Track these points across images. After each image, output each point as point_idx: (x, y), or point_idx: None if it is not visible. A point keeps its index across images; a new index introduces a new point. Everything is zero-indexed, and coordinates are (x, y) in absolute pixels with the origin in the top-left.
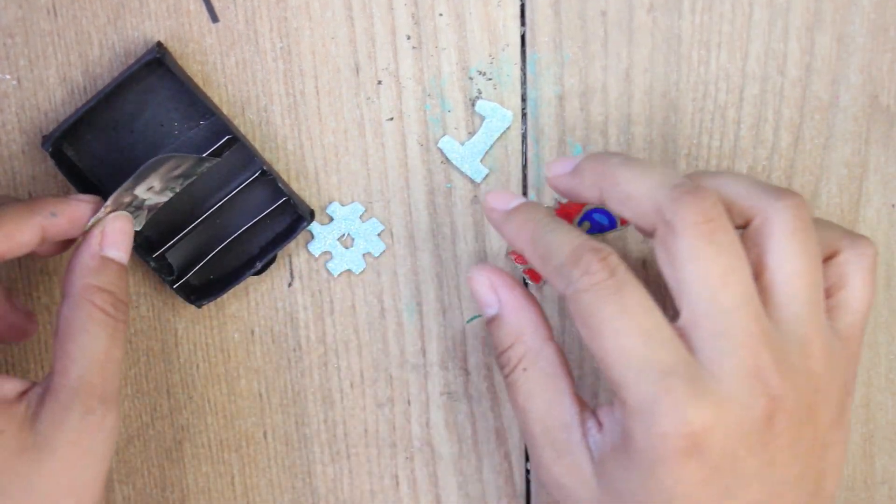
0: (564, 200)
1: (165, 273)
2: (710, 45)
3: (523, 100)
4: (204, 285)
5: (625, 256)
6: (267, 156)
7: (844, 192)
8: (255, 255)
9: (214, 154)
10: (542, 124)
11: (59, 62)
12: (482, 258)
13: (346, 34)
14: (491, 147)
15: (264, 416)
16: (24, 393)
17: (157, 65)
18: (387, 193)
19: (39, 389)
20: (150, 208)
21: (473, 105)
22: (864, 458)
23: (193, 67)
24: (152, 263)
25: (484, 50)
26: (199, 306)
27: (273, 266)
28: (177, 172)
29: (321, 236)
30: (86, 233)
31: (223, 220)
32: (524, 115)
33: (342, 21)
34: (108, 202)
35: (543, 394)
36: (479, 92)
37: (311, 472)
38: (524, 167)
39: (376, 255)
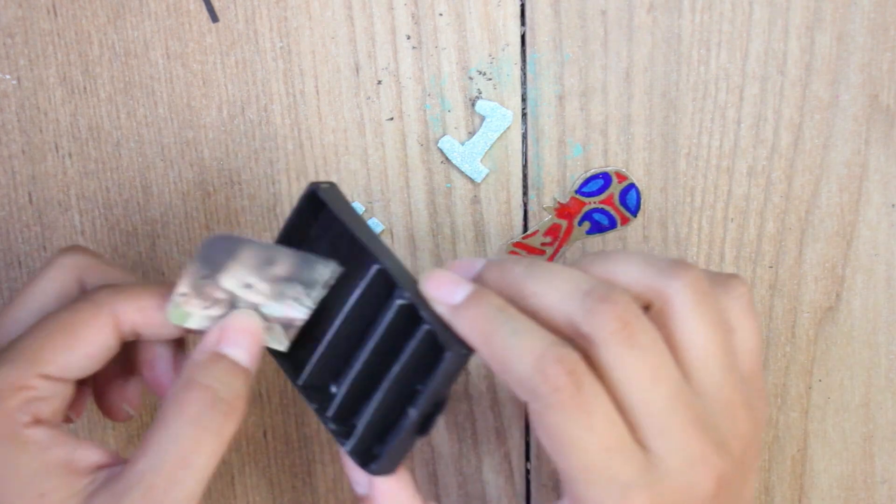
0: (565, 200)
1: (342, 436)
2: (710, 44)
3: (523, 100)
4: (372, 438)
5: None
6: (267, 155)
7: (844, 192)
8: (410, 397)
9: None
10: (542, 124)
11: (58, 62)
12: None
13: (345, 34)
14: (491, 147)
15: (264, 415)
16: (100, 466)
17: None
18: (387, 193)
19: (117, 470)
20: (287, 324)
21: (473, 105)
22: (864, 458)
23: (194, 67)
24: (332, 426)
25: (484, 50)
26: (371, 472)
27: None
28: (279, 272)
29: None
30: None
31: (377, 361)
32: (524, 114)
33: (342, 21)
34: (182, 288)
35: None
36: (479, 92)
37: (311, 472)
38: (524, 167)
39: None
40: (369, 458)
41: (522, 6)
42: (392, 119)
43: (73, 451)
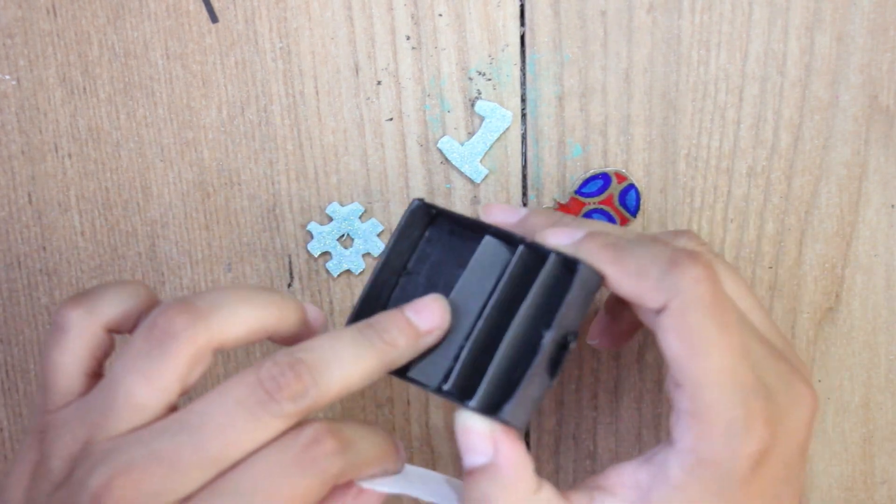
0: (564, 201)
1: (459, 397)
2: (710, 44)
3: (523, 100)
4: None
5: None
6: (267, 156)
7: (844, 192)
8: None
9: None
10: (541, 124)
11: (58, 62)
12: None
13: (345, 34)
14: (490, 147)
15: None
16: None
17: (428, 217)
18: (386, 194)
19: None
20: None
21: (473, 105)
22: (864, 458)
23: (193, 67)
24: (451, 390)
25: (483, 50)
26: (500, 419)
27: (272, 264)
28: None
29: (321, 236)
30: None
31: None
32: (524, 115)
33: (342, 21)
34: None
35: None
36: (479, 92)
37: None
38: (524, 167)
39: (376, 255)
40: (498, 411)
41: (522, 7)
42: (392, 119)
43: None
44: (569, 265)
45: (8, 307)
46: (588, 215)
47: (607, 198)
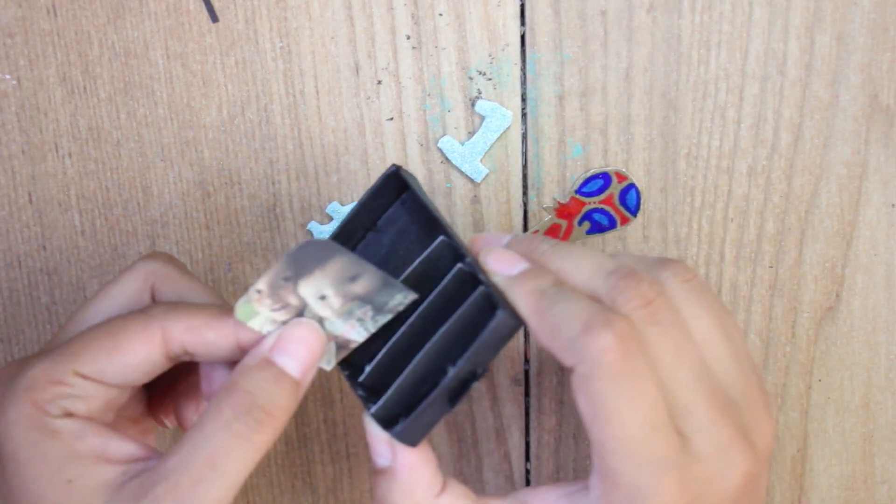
0: (565, 200)
1: (369, 400)
2: (710, 44)
3: (523, 100)
4: (397, 402)
5: None
6: (267, 155)
7: (844, 192)
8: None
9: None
10: (541, 124)
11: (58, 62)
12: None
13: (345, 34)
14: (491, 147)
15: None
16: (135, 459)
17: (397, 186)
18: None
19: (152, 464)
20: (342, 345)
21: (473, 105)
22: (864, 458)
23: (194, 67)
24: (360, 392)
25: (484, 50)
26: (395, 435)
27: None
28: (357, 290)
29: (321, 236)
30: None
31: (422, 325)
32: (524, 114)
33: (342, 21)
34: (261, 285)
35: None
36: (479, 92)
37: (311, 472)
38: (524, 167)
39: None
40: (395, 425)
41: (522, 6)
42: (392, 119)
43: (106, 442)
44: (491, 305)
45: (8, 307)
46: (588, 214)
47: (607, 197)
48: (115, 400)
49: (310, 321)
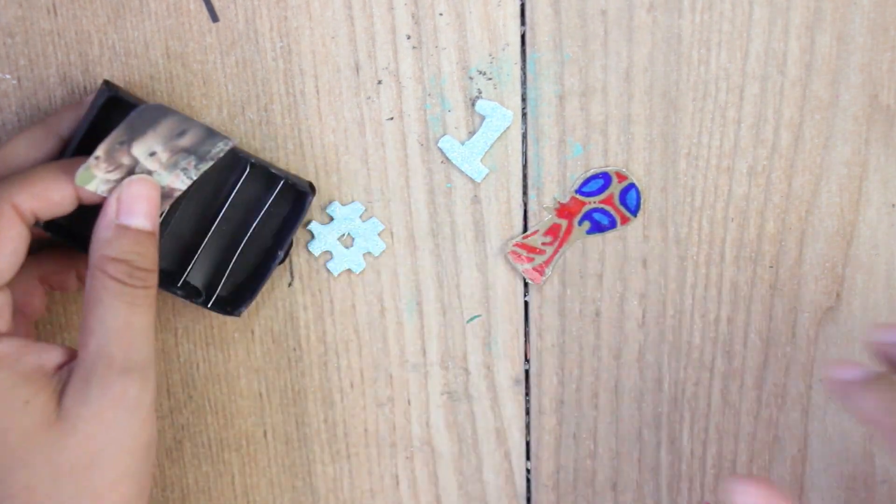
0: (565, 200)
1: (194, 296)
2: (711, 44)
3: (523, 99)
4: (234, 293)
5: (624, 256)
6: (267, 155)
7: (844, 192)
8: (273, 245)
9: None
10: (541, 124)
11: (59, 62)
12: (482, 258)
13: (346, 33)
14: (491, 146)
15: (264, 415)
16: (62, 364)
17: (113, 102)
18: (387, 193)
19: (74, 361)
20: (167, 194)
21: (473, 104)
22: (864, 458)
23: (194, 67)
24: (179, 292)
25: (484, 49)
26: (239, 314)
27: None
28: (183, 143)
29: (321, 236)
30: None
31: (230, 226)
32: (524, 114)
33: (342, 20)
34: (99, 152)
35: None
36: (479, 91)
37: (311, 472)
38: (524, 167)
39: (376, 254)
40: (231, 308)
41: (522, 6)
42: (392, 119)
43: (40, 355)
44: (299, 194)
45: None
46: (588, 214)
47: (608, 197)
48: (9, 303)
49: (141, 176)
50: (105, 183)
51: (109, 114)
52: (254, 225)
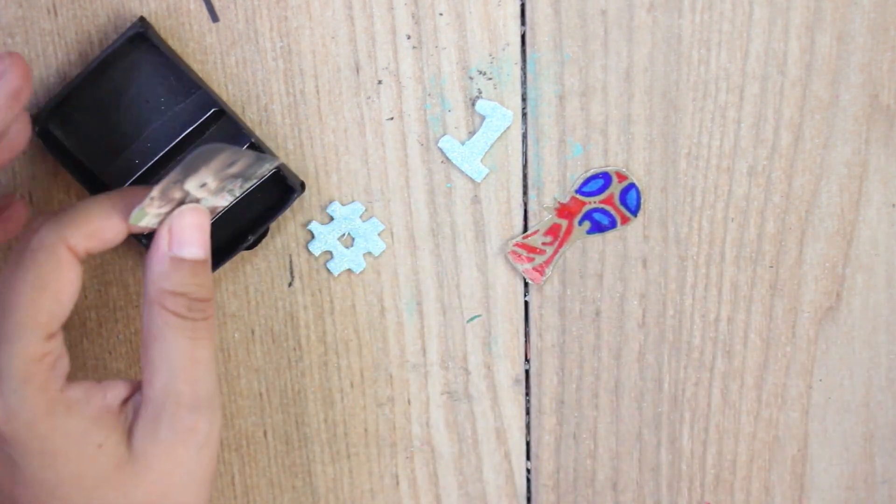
0: (565, 200)
1: None
2: (711, 44)
3: (523, 99)
4: None
5: (624, 256)
6: None
7: (844, 192)
8: (247, 229)
9: (200, 128)
10: (542, 124)
11: (59, 62)
12: (482, 258)
13: (346, 33)
14: (491, 146)
15: (264, 415)
16: (126, 399)
17: (140, 40)
18: (387, 193)
19: (139, 397)
20: (210, 211)
21: (473, 104)
22: (864, 458)
23: (194, 67)
24: (144, 241)
25: (484, 49)
26: None
27: (272, 264)
28: (232, 171)
29: (321, 236)
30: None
31: None
32: (524, 114)
33: (342, 20)
34: (154, 193)
35: None
36: (480, 91)
37: (311, 472)
38: (524, 167)
39: (376, 254)
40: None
41: (522, 6)
42: (392, 119)
43: (105, 394)
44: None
45: None
46: (588, 214)
47: (608, 197)
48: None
49: (193, 206)
50: (156, 217)
51: (130, 52)
52: (232, 202)
